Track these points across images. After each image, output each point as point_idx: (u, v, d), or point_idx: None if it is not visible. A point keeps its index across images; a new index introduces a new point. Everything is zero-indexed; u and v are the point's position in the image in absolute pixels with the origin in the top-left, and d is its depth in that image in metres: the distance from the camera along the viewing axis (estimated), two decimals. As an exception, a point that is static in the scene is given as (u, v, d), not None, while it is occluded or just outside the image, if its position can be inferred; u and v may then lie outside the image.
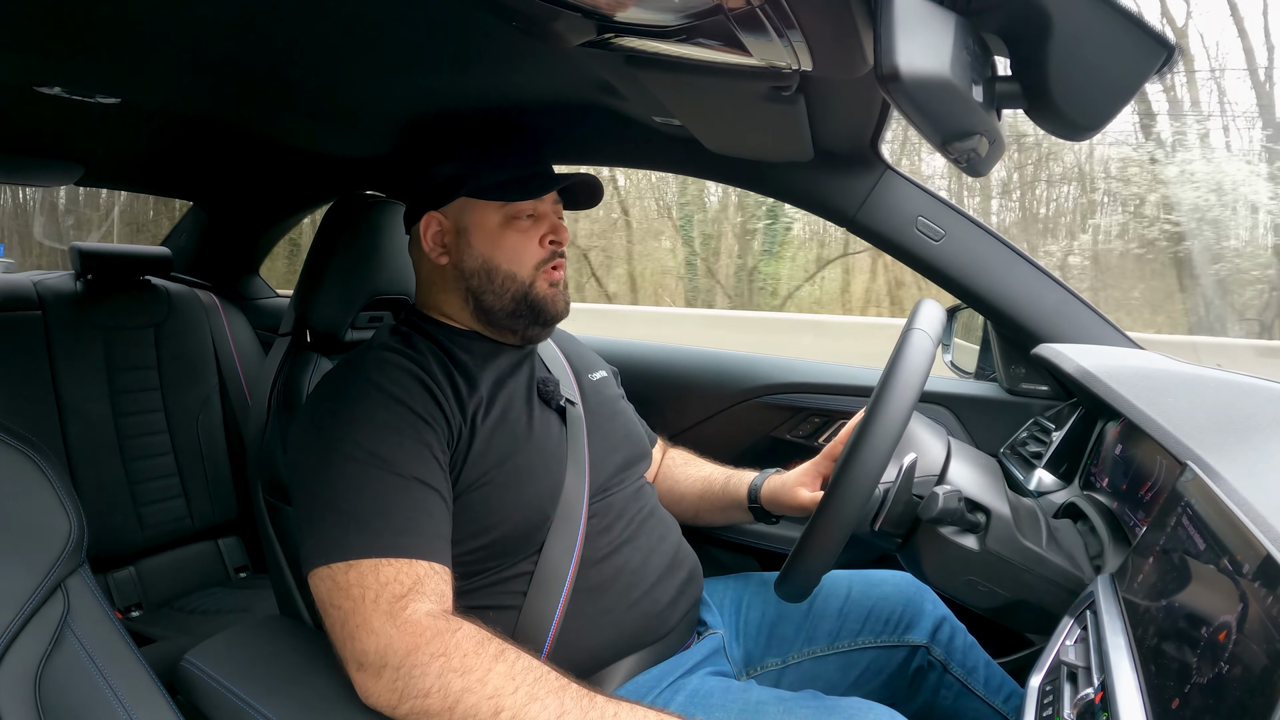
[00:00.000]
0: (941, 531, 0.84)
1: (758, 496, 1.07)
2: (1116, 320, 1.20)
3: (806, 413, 1.46)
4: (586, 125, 1.19)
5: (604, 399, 1.07)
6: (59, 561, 0.69)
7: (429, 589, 0.74)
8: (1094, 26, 0.49)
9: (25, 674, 0.65)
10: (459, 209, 0.95)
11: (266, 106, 1.15)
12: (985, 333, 1.39)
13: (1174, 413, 0.80)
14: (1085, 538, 0.93)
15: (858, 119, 1.04)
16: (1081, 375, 0.99)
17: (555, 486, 0.90)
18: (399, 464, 0.79)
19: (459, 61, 0.92)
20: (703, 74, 0.74)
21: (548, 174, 0.98)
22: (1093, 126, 0.54)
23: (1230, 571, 0.53)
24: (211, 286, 1.97)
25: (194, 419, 1.79)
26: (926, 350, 0.80)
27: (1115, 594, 0.70)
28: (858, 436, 0.78)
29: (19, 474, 0.70)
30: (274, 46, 0.88)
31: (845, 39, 0.59)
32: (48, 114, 1.18)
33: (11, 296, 1.60)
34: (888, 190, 1.21)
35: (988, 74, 0.54)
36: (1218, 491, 0.61)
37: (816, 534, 0.79)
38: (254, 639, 0.88)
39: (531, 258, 0.95)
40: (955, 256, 1.20)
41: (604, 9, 0.60)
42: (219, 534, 1.84)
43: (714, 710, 0.83)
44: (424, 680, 0.68)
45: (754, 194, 1.81)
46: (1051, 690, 0.66)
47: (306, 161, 1.56)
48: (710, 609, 1.05)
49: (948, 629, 1.03)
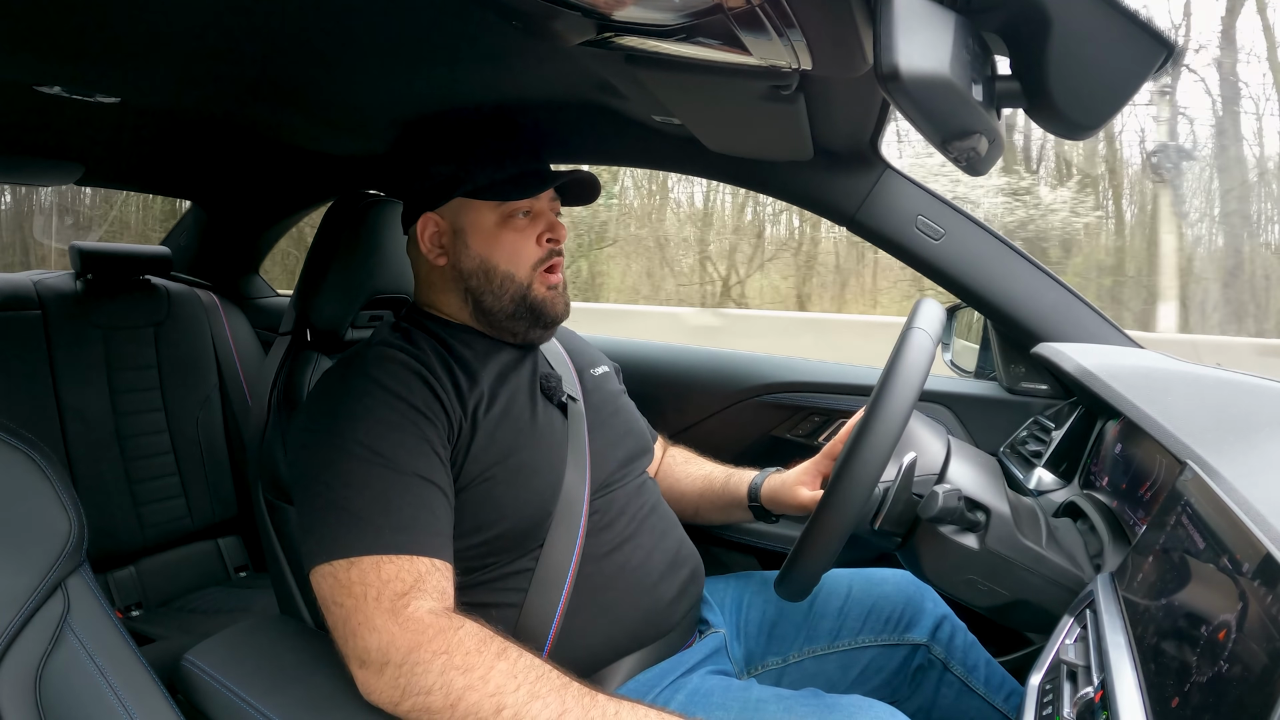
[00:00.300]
0: (941, 530, 0.84)
1: (758, 495, 1.07)
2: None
3: (806, 412, 1.46)
4: (586, 125, 1.19)
5: (605, 395, 1.07)
6: (59, 561, 0.69)
7: (431, 586, 0.75)
8: (1094, 25, 0.49)
9: (26, 673, 0.65)
10: (455, 209, 0.95)
11: (266, 106, 1.15)
12: (985, 332, 1.39)
13: (1174, 412, 0.80)
14: (1085, 537, 0.93)
15: (857, 118, 1.04)
16: (1081, 374, 0.99)
17: (557, 482, 0.90)
18: (400, 460, 0.79)
19: (459, 61, 0.91)
20: (702, 73, 0.74)
21: (543, 172, 0.97)
22: (1092, 125, 0.54)
23: (1230, 570, 0.53)
24: (211, 286, 1.97)
25: (194, 418, 1.79)
26: (926, 349, 0.80)
27: (1115, 593, 0.70)
28: (857, 435, 0.78)
29: (19, 473, 0.70)
30: (274, 46, 0.88)
31: (845, 38, 0.59)
32: (48, 113, 1.18)
33: (11, 296, 1.60)
34: (887, 189, 1.21)
35: (987, 73, 0.54)
36: (1217, 490, 0.61)
37: (816, 533, 0.79)
38: (254, 638, 0.88)
39: (529, 257, 0.94)
40: (955, 255, 1.20)
41: (603, 8, 0.60)
42: (219, 533, 1.84)
43: (715, 709, 0.83)
44: (426, 678, 0.68)
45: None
46: (1051, 689, 0.66)
47: (306, 161, 1.56)
48: (712, 608, 1.05)
49: (948, 628, 1.03)
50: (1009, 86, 0.55)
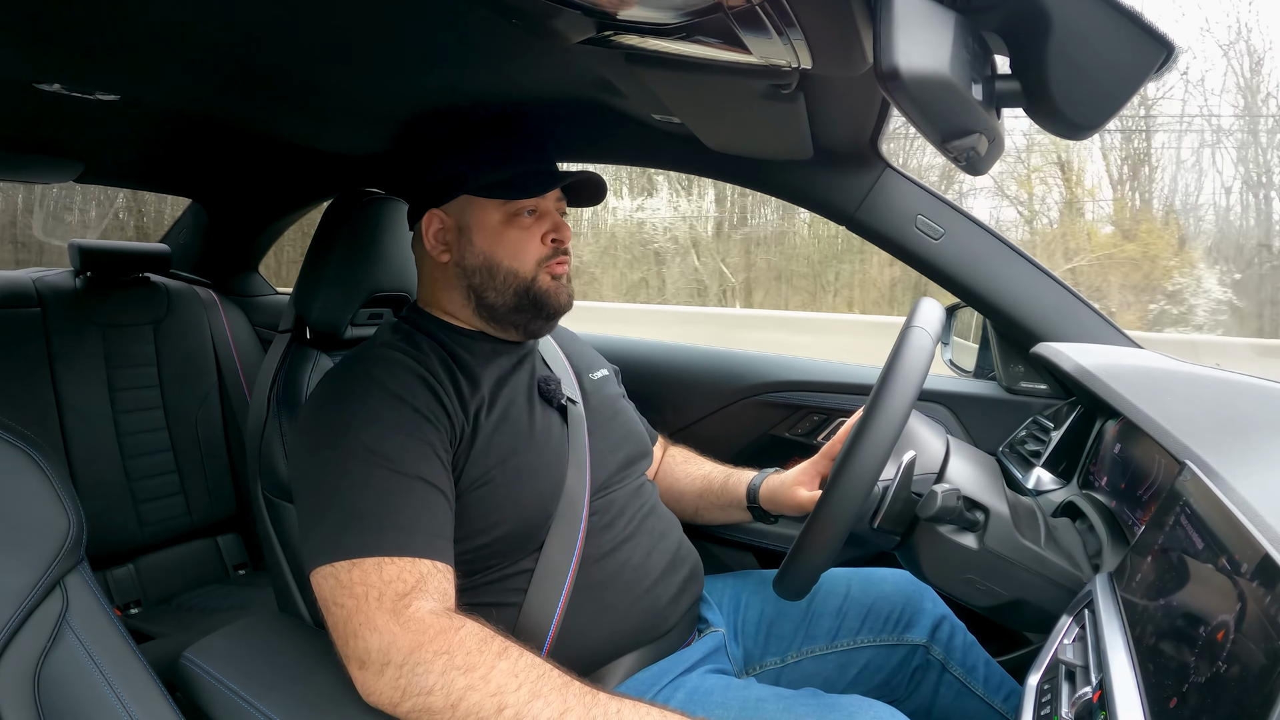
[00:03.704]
0: (940, 530, 0.84)
1: (756, 496, 1.07)
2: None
3: (806, 411, 1.46)
4: (586, 123, 1.19)
5: (605, 398, 1.07)
6: (58, 559, 0.69)
7: (432, 587, 0.75)
8: (1094, 25, 0.49)
9: (24, 671, 0.65)
10: (460, 207, 0.95)
11: (266, 103, 1.15)
12: (984, 331, 1.39)
13: (1172, 412, 0.80)
14: (1084, 536, 0.93)
15: (857, 117, 1.04)
16: (1080, 374, 0.99)
17: (556, 485, 0.90)
18: (402, 462, 0.79)
19: (459, 59, 0.91)
20: (702, 72, 0.74)
21: (549, 171, 0.97)
22: (1092, 125, 0.54)
23: (1228, 571, 0.53)
24: (211, 284, 1.97)
25: (193, 416, 1.79)
26: (926, 349, 0.80)
27: (1113, 593, 0.70)
28: (856, 435, 0.78)
29: (18, 471, 0.70)
30: (274, 43, 0.88)
31: (845, 37, 0.59)
32: (47, 111, 1.18)
33: (10, 294, 1.60)
34: (887, 188, 1.21)
35: (987, 72, 0.54)
36: (1216, 491, 0.61)
37: (815, 532, 0.79)
38: (253, 636, 0.88)
39: (533, 255, 0.94)
40: (954, 255, 1.20)
41: (604, 6, 0.60)
42: (218, 531, 1.84)
43: (714, 708, 0.83)
44: (427, 678, 0.68)
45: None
46: (1050, 689, 0.66)
47: (306, 158, 1.56)
48: (711, 607, 1.05)
49: (947, 628, 1.04)
50: (1009, 86, 0.55)
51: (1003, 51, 0.56)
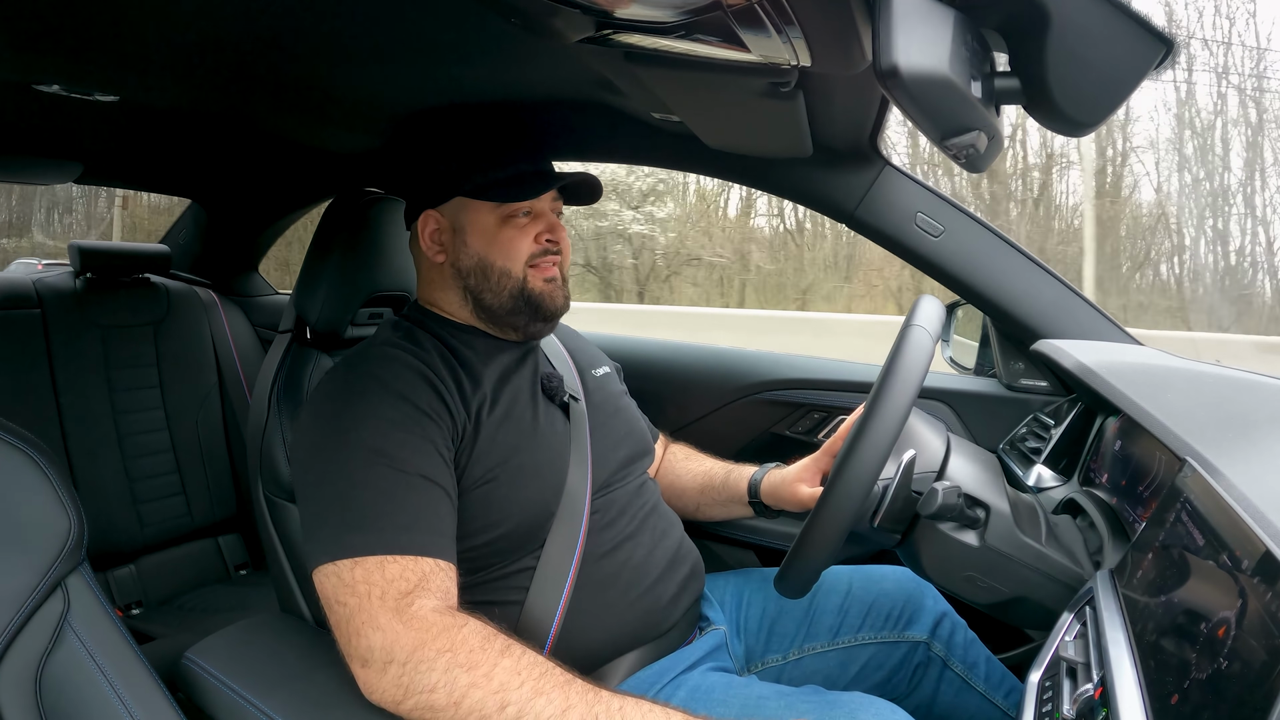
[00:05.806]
0: (941, 527, 0.84)
1: (757, 492, 1.07)
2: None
3: (806, 409, 1.46)
4: (585, 122, 1.19)
5: (607, 395, 1.07)
6: (59, 559, 0.69)
7: (434, 585, 0.75)
8: (1093, 22, 0.49)
9: (26, 672, 0.65)
10: (456, 208, 0.95)
11: (265, 102, 1.15)
12: (984, 329, 1.39)
13: (1173, 408, 0.80)
14: (1085, 533, 0.93)
15: (857, 115, 1.03)
16: (1080, 371, 0.99)
17: (559, 483, 0.90)
18: (404, 461, 0.79)
19: (458, 58, 0.91)
20: (701, 70, 0.74)
21: (544, 173, 0.97)
22: (1091, 123, 0.54)
23: (1229, 567, 0.53)
24: (211, 284, 1.96)
25: (193, 416, 1.79)
26: (926, 346, 0.80)
27: (1114, 590, 0.70)
28: (857, 432, 0.78)
29: (18, 472, 0.70)
30: (272, 42, 0.88)
31: (844, 35, 0.59)
32: (47, 112, 1.18)
33: (10, 294, 1.60)
34: (887, 186, 1.21)
35: (986, 70, 0.54)
36: (1217, 487, 0.61)
37: (816, 530, 0.79)
38: (254, 636, 0.88)
39: (523, 252, 0.94)
40: (954, 252, 1.20)
41: (603, 5, 0.59)
42: (219, 531, 1.84)
43: (715, 705, 0.83)
44: (430, 676, 0.68)
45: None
46: (1051, 686, 0.66)
47: (306, 158, 1.56)
48: (712, 604, 1.05)
49: (948, 625, 1.04)
50: (1008, 83, 0.55)
51: (1002, 49, 0.55)
